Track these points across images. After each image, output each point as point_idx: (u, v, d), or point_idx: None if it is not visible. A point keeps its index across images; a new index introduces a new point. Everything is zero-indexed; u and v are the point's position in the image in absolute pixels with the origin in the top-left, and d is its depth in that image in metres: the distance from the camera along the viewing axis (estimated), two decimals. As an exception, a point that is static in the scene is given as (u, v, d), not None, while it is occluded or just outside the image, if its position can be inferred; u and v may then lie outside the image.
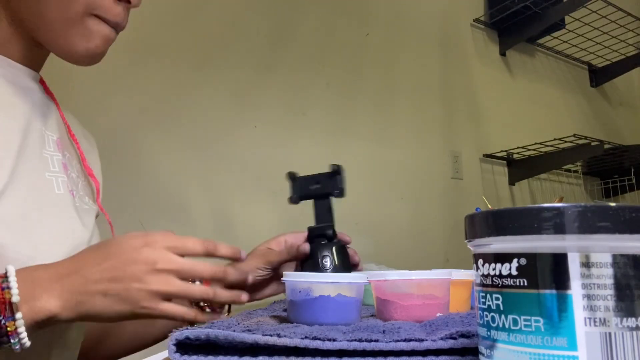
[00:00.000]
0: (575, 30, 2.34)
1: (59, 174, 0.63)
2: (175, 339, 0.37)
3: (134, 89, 1.31)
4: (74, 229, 0.62)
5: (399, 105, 1.88)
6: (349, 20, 1.80)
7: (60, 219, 0.61)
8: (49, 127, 0.65)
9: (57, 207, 0.61)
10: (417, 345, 0.35)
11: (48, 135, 0.64)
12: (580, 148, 1.99)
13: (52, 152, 0.64)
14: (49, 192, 0.61)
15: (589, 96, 2.74)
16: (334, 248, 0.69)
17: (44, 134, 0.63)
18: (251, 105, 1.51)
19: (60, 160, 0.65)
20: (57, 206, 0.61)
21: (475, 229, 0.29)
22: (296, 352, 0.36)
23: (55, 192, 0.62)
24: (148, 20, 1.32)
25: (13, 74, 0.61)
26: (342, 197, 0.70)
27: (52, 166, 0.63)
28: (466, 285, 0.55)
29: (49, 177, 0.62)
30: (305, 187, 0.72)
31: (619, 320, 0.24)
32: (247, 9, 1.55)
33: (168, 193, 1.32)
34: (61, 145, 0.66)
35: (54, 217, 0.60)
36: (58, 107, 0.70)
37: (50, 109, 0.67)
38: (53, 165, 0.63)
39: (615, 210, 0.25)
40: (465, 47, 2.17)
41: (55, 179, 0.63)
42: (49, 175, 0.62)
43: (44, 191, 0.60)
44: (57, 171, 0.63)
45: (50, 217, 0.59)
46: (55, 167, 0.63)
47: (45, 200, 0.59)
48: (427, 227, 1.86)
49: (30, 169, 0.59)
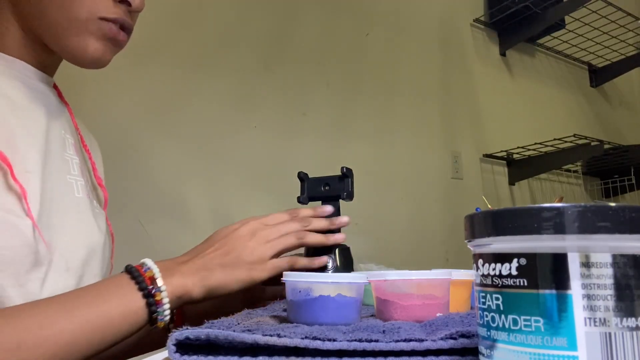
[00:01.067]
0: (575, 30, 2.34)
1: (78, 177, 0.65)
2: (175, 339, 0.37)
3: (134, 89, 1.31)
4: (91, 232, 0.64)
5: (399, 105, 1.88)
6: (349, 20, 1.80)
7: (79, 222, 0.62)
8: (67, 130, 0.66)
9: (76, 211, 0.62)
10: (417, 346, 0.35)
11: (67, 138, 0.65)
12: (580, 148, 1.99)
13: (72, 155, 0.65)
14: (70, 195, 0.62)
15: (589, 96, 2.74)
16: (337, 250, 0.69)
17: (63, 136, 0.64)
18: (251, 105, 1.51)
19: (79, 163, 0.66)
20: (77, 210, 0.62)
21: (475, 229, 0.29)
22: (296, 352, 0.36)
23: (75, 195, 0.63)
24: (148, 20, 1.32)
25: (30, 78, 0.61)
26: (351, 200, 0.72)
27: (72, 169, 0.64)
28: (466, 285, 0.55)
29: (69, 180, 0.63)
30: (315, 188, 0.73)
31: (619, 320, 0.24)
32: (247, 9, 1.55)
33: (168, 193, 1.32)
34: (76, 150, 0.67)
35: (74, 220, 0.61)
36: (71, 113, 0.71)
37: (64, 114, 0.68)
38: (73, 169, 0.64)
39: (615, 210, 0.25)
40: (465, 47, 2.17)
41: (75, 183, 0.64)
42: (69, 178, 0.63)
43: (65, 194, 0.61)
44: (76, 174, 0.65)
45: (70, 220, 0.60)
46: (75, 170, 0.65)
47: (67, 203, 0.61)
48: (427, 227, 1.86)
49: (54, 171, 0.60)
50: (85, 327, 0.47)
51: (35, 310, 0.47)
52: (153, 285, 0.51)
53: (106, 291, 0.51)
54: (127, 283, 0.51)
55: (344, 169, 0.71)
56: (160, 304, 0.51)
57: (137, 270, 0.52)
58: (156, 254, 0.57)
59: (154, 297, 0.51)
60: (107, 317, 0.49)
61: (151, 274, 0.52)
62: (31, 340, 0.44)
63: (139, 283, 0.51)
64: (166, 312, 0.52)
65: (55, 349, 0.45)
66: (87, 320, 0.48)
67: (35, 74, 0.62)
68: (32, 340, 0.44)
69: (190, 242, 0.61)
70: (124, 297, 0.50)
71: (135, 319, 0.51)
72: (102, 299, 0.50)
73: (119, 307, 0.50)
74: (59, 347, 0.46)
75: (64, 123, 0.66)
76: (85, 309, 0.48)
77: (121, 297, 0.50)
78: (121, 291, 0.51)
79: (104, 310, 0.49)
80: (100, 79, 1.23)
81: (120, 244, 0.80)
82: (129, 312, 0.50)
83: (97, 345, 0.48)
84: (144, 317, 0.51)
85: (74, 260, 0.59)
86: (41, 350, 0.45)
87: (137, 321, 0.51)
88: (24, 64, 0.61)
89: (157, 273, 0.52)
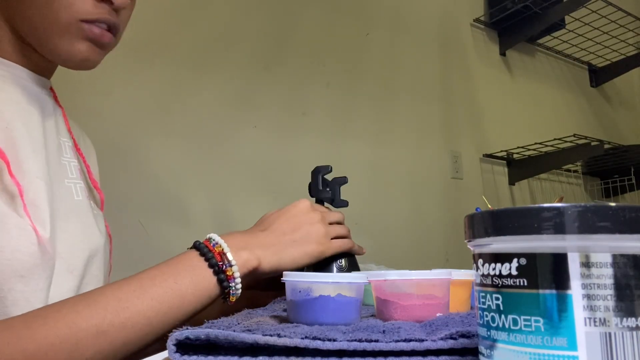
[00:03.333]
0: (575, 30, 2.34)
1: (76, 180, 0.65)
2: (175, 339, 0.37)
3: (134, 89, 1.30)
4: (92, 234, 0.64)
5: (399, 105, 1.88)
6: (349, 20, 1.80)
7: (80, 225, 0.62)
8: (62, 134, 0.66)
9: (77, 214, 0.62)
10: (417, 346, 0.35)
11: (64, 142, 0.65)
12: (580, 148, 1.99)
13: (69, 158, 0.65)
14: (69, 198, 0.62)
15: (589, 96, 2.73)
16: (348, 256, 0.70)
17: (60, 140, 0.64)
18: (251, 105, 1.51)
19: (77, 166, 0.66)
20: (77, 213, 0.62)
21: (475, 229, 0.29)
22: (296, 352, 0.36)
23: (75, 199, 0.63)
24: (148, 20, 1.32)
25: (28, 82, 0.61)
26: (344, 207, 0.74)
27: (70, 173, 0.64)
28: (466, 285, 0.55)
29: (68, 184, 0.63)
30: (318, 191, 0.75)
31: (619, 320, 0.24)
32: (247, 9, 1.55)
33: (168, 193, 1.32)
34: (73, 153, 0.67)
35: (75, 224, 0.61)
36: (64, 116, 0.71)
37: (60, 118, 0.68)
38: (71, 172, 0.64)
39: (615, 210, 0.25)
40: (465, 47, 2.17)
41: (74, 185, 0.64)
42: (68, 182, 0.63)
43: (65, 198, 0.61)
44: (75, 177, 0.65)
45: (71, 224, 0.60)
46: (73, 173, 0.65)
47: (67, 207, 0.61)
48: (427, 227, 1.86)
49: (53, 175, 0.59)
50: (160, 308, 0.48)
51: (112, 295, 0.47)
52: (223, 260, 0.52)
53: (178, 270, 0.51)
54: (198, 260, 0.52)
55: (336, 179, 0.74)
56: (232, 279, 0.52)
57: (205, 247, 0.53)
58: (156, 254, 0.57)
59: (225, 273, 0.52)
60: (180, 297, 0.50)
61: (220, 249, 0.53)
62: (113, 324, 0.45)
63: (208, 260, 0.52)
64: (238, 287, 0.53)
65: (135, 330, 0.46)
66: (161, 302, 0.48)
67: (32, 78, 0.62)
68: (114, 324, 0.45)
69: (190, 242, 0.61)
70: (196, 275, 0.51)
71: (209, 295, 0.52)
72: (174, 279, 0.50)
73: (191, 286, 0.50)
74: (138, 329, 0.46)
75: (59, 126, 0.66)
76: (160, 290, 0.49)
77: (193, 276, 0.51)
78: (192, 270, 0.51)
79: (177, 290, 0.49)
80: (100, 78, 1.23)
81: (120, 244, 0.80)
82: (202, 289, 0.51)
83: (171, 324, 0.49)
84: (217, 292, 0.52)
85: (76, 264, 0.59)
86: (124, 333, 0.46)
87: (210, 297, 0.52)
88: (22, 68, 0.61)
89: (226, 248, 0.53)
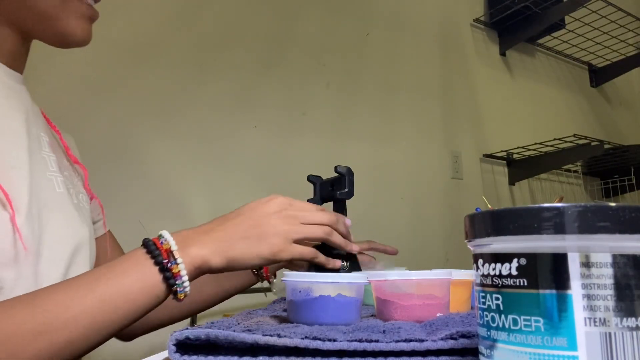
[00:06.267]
0: (575, 30, 2.34)
1: (56, 173, 0.65)
2: (175, 339, 0.37)
3: (134, 89, 1.30)
4: (76, 227, 0.64)
5: (399, 105, 1.88)
6: (349, 20, 1.80)
7: (63, 217, 0.63)
8: (41, 129, 0.67)
9: (59, 206, 0.63)
10: (417, 346, 0.35)
11: (42, 137, 0.66)
12: (580, 148, 1.99)
13: (48, 152, 0.66)
14: (51, 191, 0.62)
15: (589, 96, 2.73)
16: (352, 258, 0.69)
17: (39, 135, 0.65)
18: (251, 105, 1.51)
19: (55, 160, 0.66)
20: (59, 205, 0.63)
21: (475, 229, 0.29)
22: (296, 352, 0.36)
23: (57, 191, 0.63)
24: (148, 20, 1.32)
25: (5, 76, 0.62)
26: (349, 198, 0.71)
27: (51, 166, 0.65)
28: (466, 285, 0.55)
29: (49, 177, 0.63)
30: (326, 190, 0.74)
31: (619, 320, 0.24)
32: (247, 9, 1.55)
33: (168, 193, 1.32)
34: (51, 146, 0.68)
35: (58, 216, 0.62)
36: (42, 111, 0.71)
37: (38, 113, 0.69)
38: (51, 165, 0.65)
39: (615, 210, 0.25)
40: (465, 47, 2.17)
41: (55, 178, 0.64)
42: (49, 174, 0.64)
43: (47, 191, 0.61)
44: (55, 170, 0.65)
45: (54, 216, 0.61)
46: (53, 167, 0.65)
47: (49, 200, 0.61)
48: (427, 227, 1.86)
49: (36, 169, 0.60)
50: (105, 307, 0.48)
51: (55, 294, 0.47)
52: (169, 258, 0.51)
53: (123, 268, 0.50)
54: (144, 258, 0.51)
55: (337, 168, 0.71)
56: (178, 277, 0.51)
57: (153, 244, 0.52)
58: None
59: (171, 271, 0.51)
60: (126, 294, 0.49)
61: (168, 247, 0.52)
62: (55, 323, 0.45)
63: (154, 257, 0.51)
64: (185, 284, 0.51)
65: (79, 329, 0.46)
66: (106, 300, 0.48)
67: (7, 74, 0.63)
68: (56, 323, 0.45)
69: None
70: (142, 273, 0.50)
71: (155, 294, 0.51)
72: (120, 276, 0.49)
73: (137, 283, 0.50)
74: (82, 328, 0.46)
75: (38, 122, 0.67)
76: (105, 288, 0.48)
77: (139, 273, 0.50)
78: (138, 267, 0.51)
79: (122, 288, 0.49)
80: (100, 78, 1.23)
81: (120, 244, 0.80)
82: (148, 287, 0.50)
83: (118, 323, 0.49)
84: (164, 290, 0.51)
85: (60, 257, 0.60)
86: (66, 333, 0.45)
87: (157, 295, 0.51)
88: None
89: (174, 245, 0.52)
